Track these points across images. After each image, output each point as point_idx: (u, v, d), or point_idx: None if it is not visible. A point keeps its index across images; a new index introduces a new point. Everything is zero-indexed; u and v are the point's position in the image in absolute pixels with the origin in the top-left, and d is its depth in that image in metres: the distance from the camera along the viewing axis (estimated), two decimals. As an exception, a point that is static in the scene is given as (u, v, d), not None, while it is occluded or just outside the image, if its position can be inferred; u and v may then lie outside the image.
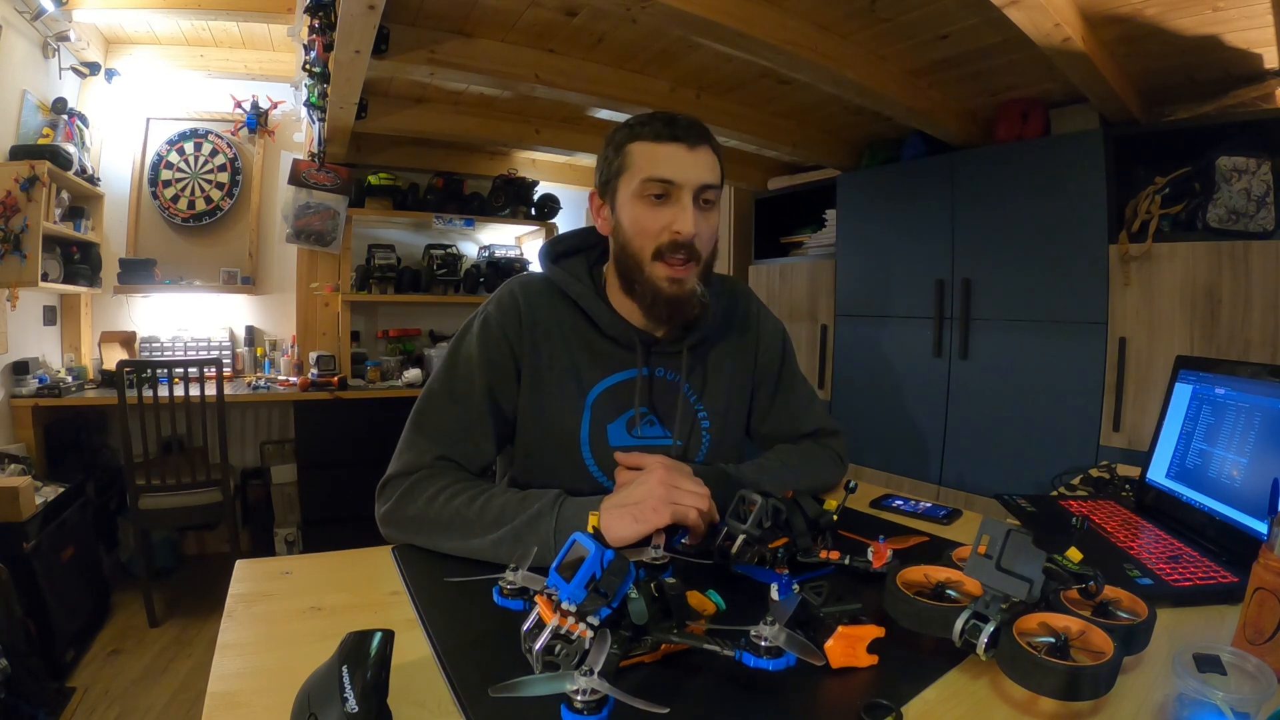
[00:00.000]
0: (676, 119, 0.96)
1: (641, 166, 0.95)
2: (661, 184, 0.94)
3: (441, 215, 3.53)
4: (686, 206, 0.94)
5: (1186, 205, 2.09)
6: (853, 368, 3.13)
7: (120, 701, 2.07)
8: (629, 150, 0.97)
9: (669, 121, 0.96)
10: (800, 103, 2.79)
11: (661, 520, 0.79)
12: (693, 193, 0.95)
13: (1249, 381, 0.96)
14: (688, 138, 0.95)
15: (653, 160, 0.95)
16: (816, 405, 1.21)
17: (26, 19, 2.54)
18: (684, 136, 0.95)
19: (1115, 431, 2.22)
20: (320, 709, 0.49)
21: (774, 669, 0.55)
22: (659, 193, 0.95)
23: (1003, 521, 0.63)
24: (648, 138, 0.96)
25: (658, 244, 0.96)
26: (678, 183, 0.94)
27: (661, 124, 0.96)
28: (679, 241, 0.95)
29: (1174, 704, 0.56)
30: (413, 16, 2.05)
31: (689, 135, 0.95)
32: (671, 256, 0.95)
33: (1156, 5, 1.78)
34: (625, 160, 0.97)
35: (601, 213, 1.03)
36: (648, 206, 0.96)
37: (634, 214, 0.97)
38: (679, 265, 0.96)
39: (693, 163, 0.95)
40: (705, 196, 0.96)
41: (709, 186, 0.96)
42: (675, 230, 0.94)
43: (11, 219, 2.39)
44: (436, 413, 0.97)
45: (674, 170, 0.94)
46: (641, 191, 0.95)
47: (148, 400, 2.47)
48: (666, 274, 0.96)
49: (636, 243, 0.97)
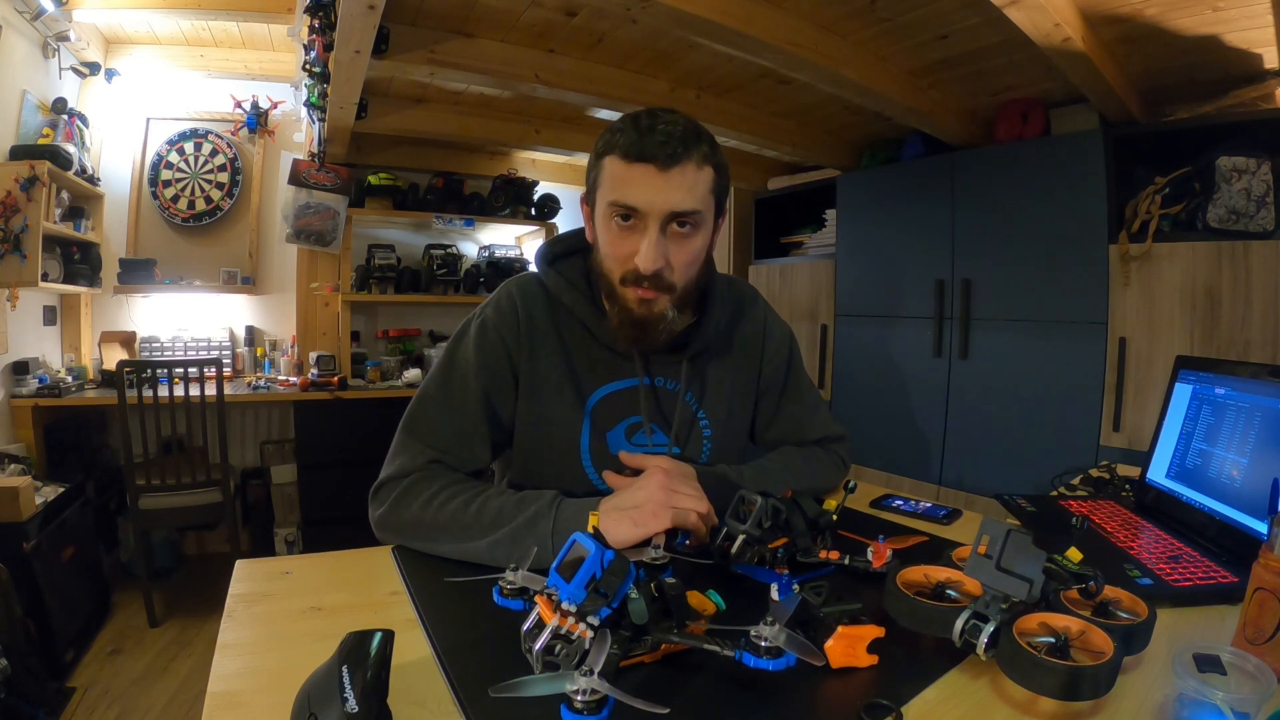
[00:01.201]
0: (654, 128, 0.84)
1: (609, 187, 0.87)
2: (625, 209, 0.86)
3: (441, 215, 3.53)
4: (650, 238, 0.85)
5: (1186, 205, 2.09)
6: (853, 368, 3.13)
7: (120, 701, 2.07)
8: (603, 164, 0.88)
9: (645, 131, 0.84)
10: (800, 103, 2.79)
11: (661, 525, 0.78)
12: (660, 221, 0.85)
13: (1249, 381, 0.96)
14: (659, 156, 0.83)
15: (619, 182, 0.86)
16: (822, 411, 1.19)
17: (26, 19, 2.54)
18: (655, 155, 0.83)
19: (1115, 431, 2.22)
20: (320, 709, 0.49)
21: (774, 669, 0.55)
22: (624, 215, 0.86)
23: (1003, 521, 0.63)
24: (618, 152, 0.85)
25: (624, 270, 0.89)
26: (642, 210, 0.85)
27: (635, 134, 0.84)
28: (640, 274, 0.87)
29: (1174, 704, 0.56)
30: (413, 16, 2.05)
31: (661, 153, 0.83)
32: (636, 286, 0.89)
33: (1156, 5, 1.78)
34: (600, 174, 0.89)
35: (589, 221, 0.97)
36: (614, 230, 0.88)
37: (604, 235, 0.91)
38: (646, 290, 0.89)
39: (662, 187, 0.84)
40: (679, 223, 0.86)
41: (681, 214, 0.85)
42: (635, 263, 0.86)
43: (11, 219, 2.39)
44: (431, 416, 0.95)
45: (639, 197, 0.84)
46: (608, 214, 0.88)
47: (148, 400, 2.48)
48: (637, 295, 0.90)
49: (607, 264, 0.92)
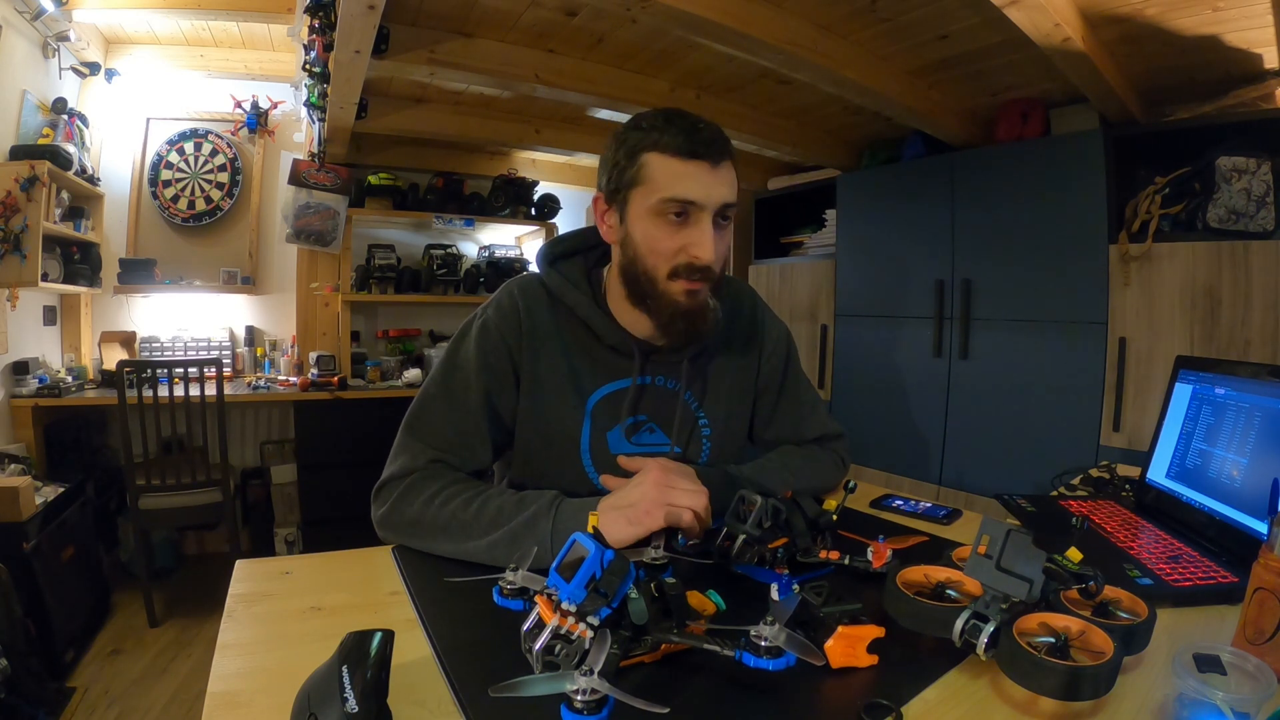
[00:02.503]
0: (698, 129, 0.88)
1: (660, 183, 0.88)
2: (683, 204, 0.88)
3: (441, 215, 3.53)
4: (706, 230, 0.89)
5: (1186, 205, 2.09)
6: (853, 368, 3.13)
7: (120, 701, 2.07)
8: (646, 161, 0.89)
9: (690, 132, 0.88)
10: (800, 103, 2.80)
11: (656, 522, 0.79)
12: (713, 214, 0.90)
13: (1249, 381, 0.96)
14: (710, 154, 0.88)
15: (674, 178, 0.88)
16: (820, 410, 1.19)
17: (26, 19, 2.53)
18: (707, 153, 0.88)
19: (1115, 431, 2.22)
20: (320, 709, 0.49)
21: (774, 669, 0.55)
22: (679, 212, 0.89)
23: (1003, 521, 0.63)
24: (668, 150, 0.88)
25: (674, 264, 0.91)
26: (700, 204, 0.88)
27: (683, 135, 0.87)
28: (696, 265, 0.90)
29: (1174, 704, 0.56)
30: (413, 16, 2.05)
31: (711, 151, 0.88)
32: (688, 278, 0.91)
33: (1156, 5, 1.78)
34: (641, 171, 0.90)
35: (607, 219, 0.96)
36: (665, 225, 0.90)
37: (649, 231, 0.91)
38: (695, 282, 0.91)
39: (716, 182, 0.89)
40: (724, 215, 0.91)
41: (729, 206, 0.91)
42: (694, 255, 0.89)
43: (11, 219, 2.39)
44: (432, 416, 0.96)
45: (698, 191, 0.88)
46: (660, 210, 0.89)
47: (148, 400, 2.47)
48: (684, 288, 0.91)
49: (650, 260, 0.92)
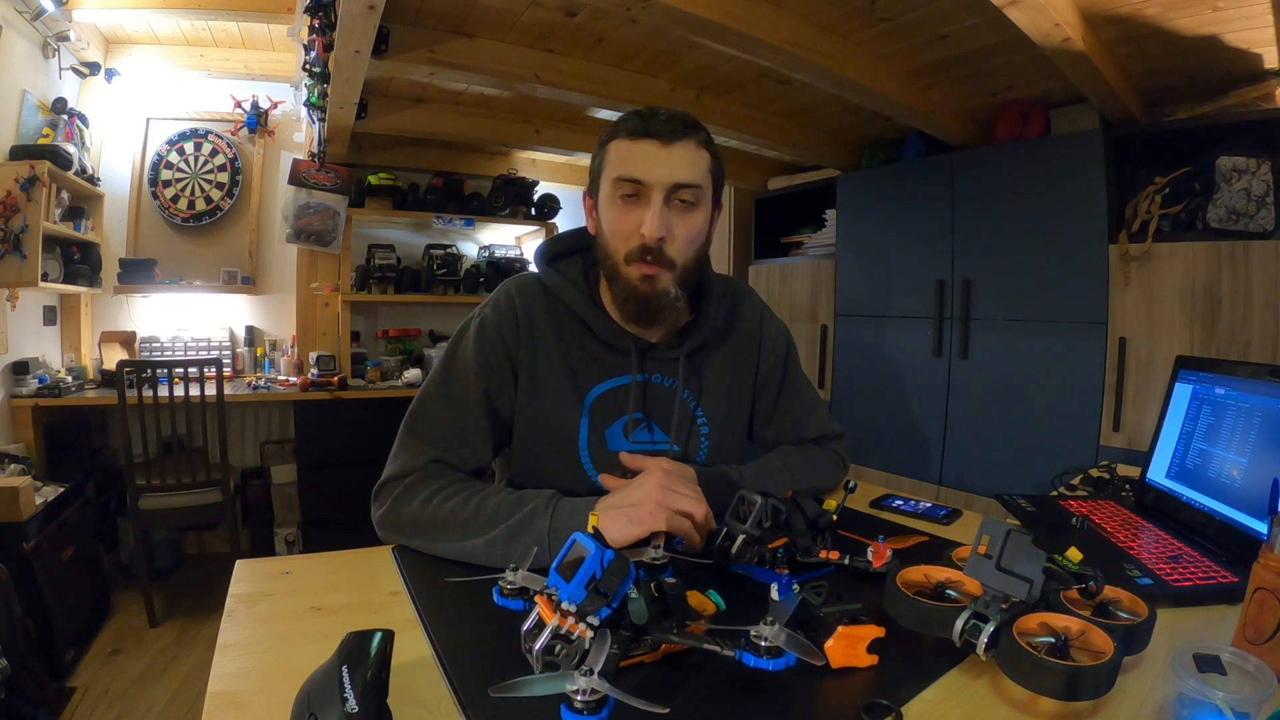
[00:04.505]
0: (656, 113, 0.92)
1: (613, 165, 0.93)
2: (631, 183, 0.91)
3: (441, 215, 3.53)
4: (655, 207, 0.90)
5: (1186, 205, 2.09)
6: (853, 368, 3.13)
7: (120, 701, 2.07)
8: (608, 149, 0.95)
9: (647, 116, 0.92)
10: (800, 103, 2.79)
11: (657, 524, 0.78)
12: (664, 193, 0.90)
13: (1249, 381, 0.96)
14: (662, 133, 0.90)
15: (624, 158, 0.92)
16: (820, 410, 1.19)
17: (26, 19, 2.53)
18: (658, 132, 0.90)
19: (1115, 431, 2.22)
20: (320, 709, 0.49)
21: (774, 669, 0.55)
22: (629, 192, 0.91)
23: (1003, 521, 0.63)
24: (624, 135, 0.92)
25: (629, 247, 0.93)
26: (646, 182, 0.90)
27: (639, 119, 0.92)
28: (645, 245, 0.91)
29: (1174, 704, 0.56)
30: (413, 16, 2.05)
31: (664, 130, 0.90)
32: (641, 260, 0.92)
33: (1156, 5, 1.78)
34: (604, 159, 0.95)
35: (592, 213, 1.01)
36: (620, 207, 0.93)
37: (606, 214, 0.95)
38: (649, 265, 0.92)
39: (665, 160, 0.90)
40: (681, 196, 0.91)
41: (684, 185, 0.91)
42: (641, 233, 0.90)
43: (11, 219, 2.39)
44: (432, 416, 0.96)
45: (643, 169, 0.90)
46: (614, 191, 0.93)
47: (148, 400, 2.47)
48: (640, 272, 0.93)
49: (611, 245, 0.95)
